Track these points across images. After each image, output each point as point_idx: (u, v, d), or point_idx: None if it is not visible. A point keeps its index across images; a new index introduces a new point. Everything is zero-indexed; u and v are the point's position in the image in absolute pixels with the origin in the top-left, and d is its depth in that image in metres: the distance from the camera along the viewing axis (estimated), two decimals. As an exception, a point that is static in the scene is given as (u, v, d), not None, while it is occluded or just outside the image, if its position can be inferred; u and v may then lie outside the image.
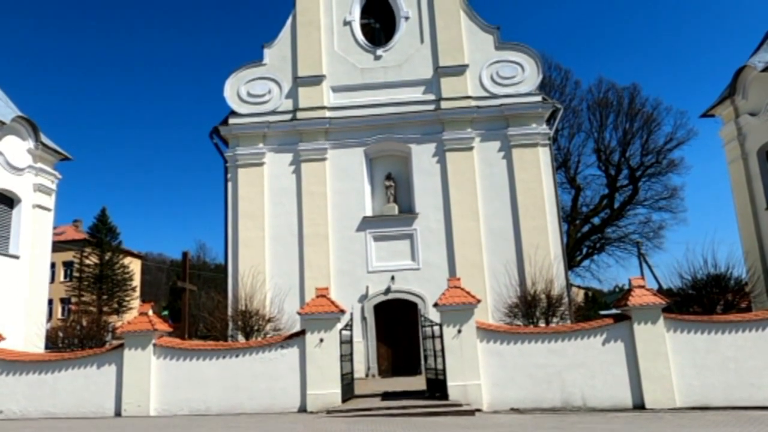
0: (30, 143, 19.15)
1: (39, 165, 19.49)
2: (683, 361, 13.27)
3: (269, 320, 16.00)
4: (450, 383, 13.43)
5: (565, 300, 16.93)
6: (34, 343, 17.49)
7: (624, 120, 39.28)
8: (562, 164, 38.82)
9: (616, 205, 39.93)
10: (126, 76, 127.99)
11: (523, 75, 22.46)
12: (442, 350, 13.74)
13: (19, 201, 18.74)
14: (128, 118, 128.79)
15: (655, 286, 22.85)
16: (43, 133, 19.80)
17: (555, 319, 15.58)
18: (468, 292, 14.04)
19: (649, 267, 35.66)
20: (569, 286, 21.27)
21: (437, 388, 14.08)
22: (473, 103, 22.23)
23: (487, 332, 13.89)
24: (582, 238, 40.62)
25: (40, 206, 19.39)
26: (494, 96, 22.26)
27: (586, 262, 41.57)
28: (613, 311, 16.99)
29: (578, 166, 40.16)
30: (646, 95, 47.14)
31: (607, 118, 39.64)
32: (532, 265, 18.17)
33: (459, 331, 13.61)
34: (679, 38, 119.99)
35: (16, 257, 18.26)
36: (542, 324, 15.20)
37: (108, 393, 14.18)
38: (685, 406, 13.01)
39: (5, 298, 17.39)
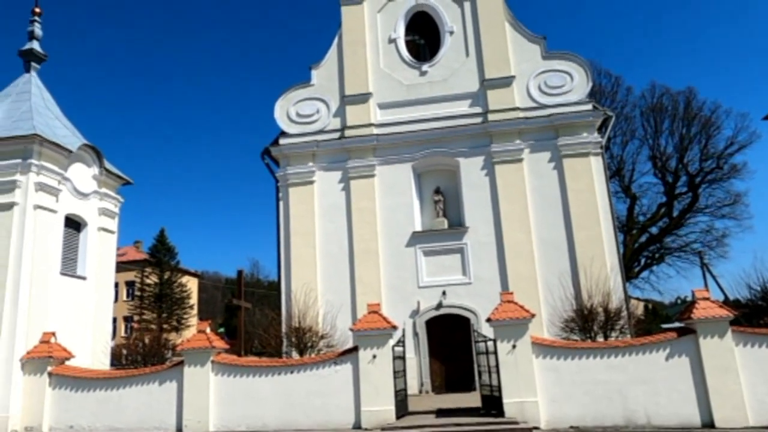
0: (95, 169, 20.13)
1: (103, 190, 20.45)
2: (755, 378, 12.50)
3: (322, 337, 16.17)
4: (506, 400, 13.14)
5: (624, 313, 16.34)
6: (101, 361, 18.28)
7: (680, 125, 38.02)
8: (616, 173, 37.80)
9: (675, 213, 38.51)
10: (180, 102, 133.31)
11: (571, 84, 22.07)
12: (497, 366, 13.49)
13: (85, 225, 19.69)
14: (184, 141, 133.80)
15: (721, 298, 21.81)
16: (106, 159, 20.81)
17: (614, 334, 15.08)
18: (521, 307, 13.74)
19: (714, 277, 34.08)
20: (628, 298, 20.52)
21: (492, 405, 13.83)
22: (521, 114, 21.99)
23: (542, 347, 13.54)
24: (640, 248, 39.27)
25: (104, 229, 20.31)
26: (543, 106, 21.95)
27: (644, 273, 40.20)
28: (676, 325, 16.25)
29: (633, 174, 39.09)
30: (703, 98, 45.43)
31: (661, 124, 38.47)
32: (587, 277, 17.67)
33: (513, 347, 13.33)
34: (736, 37, 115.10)
35: (84, 278, 19.15)
36: (600, 339, 14.73)
37: (170, 409, 14.60)
38: (760, 425, 12.24)
39: (74, 318, 18.24)
